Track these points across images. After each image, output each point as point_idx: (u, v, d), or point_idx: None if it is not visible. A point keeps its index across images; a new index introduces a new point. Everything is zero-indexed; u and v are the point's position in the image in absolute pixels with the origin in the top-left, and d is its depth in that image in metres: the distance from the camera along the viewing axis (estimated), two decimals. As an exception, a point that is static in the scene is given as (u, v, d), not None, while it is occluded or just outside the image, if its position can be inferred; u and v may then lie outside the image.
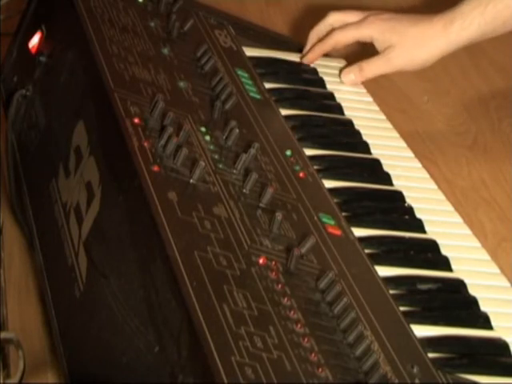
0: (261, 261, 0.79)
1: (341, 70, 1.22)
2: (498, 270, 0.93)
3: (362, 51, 1.25)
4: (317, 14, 1.43)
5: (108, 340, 0.80)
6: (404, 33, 1.15)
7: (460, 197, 1.07)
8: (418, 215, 0.97)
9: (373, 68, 1.18)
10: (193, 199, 0.83)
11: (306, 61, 1.22)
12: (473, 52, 1.35)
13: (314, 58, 1.22)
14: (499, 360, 0.81)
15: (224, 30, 1.20)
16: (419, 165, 1.07)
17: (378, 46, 1.17)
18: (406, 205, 0.98)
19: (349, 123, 1.12)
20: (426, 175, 1.06)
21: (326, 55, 1.29)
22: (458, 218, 1.00)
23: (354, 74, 1.19)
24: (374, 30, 1.17)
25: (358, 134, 1.10)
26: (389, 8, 1.26)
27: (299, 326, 0.73)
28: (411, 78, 1.13)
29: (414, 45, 1.15)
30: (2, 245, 1.03)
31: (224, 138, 0.94)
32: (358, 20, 1.20)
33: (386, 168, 1.04)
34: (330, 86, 1.19)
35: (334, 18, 1.22)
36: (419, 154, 1.09)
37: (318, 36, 1.23)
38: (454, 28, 1.12)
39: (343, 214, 0.93)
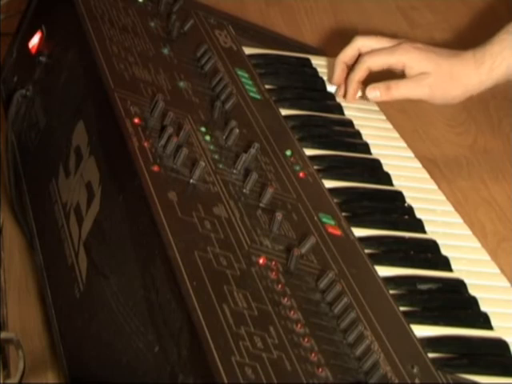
0: (261, 261, 0.79)
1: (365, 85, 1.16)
2: (497, 270, 0.93)
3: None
4: (316, 14, 1.43)
5: (108, 340, 0.80)
6: (441, 64, 1.10)
7: (460, 197, 1.07)
8: (418, 215, 0.97)
9: (401, 89, 1.12)
10: (193, 199, 0.83)
11: (347, 101, 1.15)
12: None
13: (354, 94, 1.16)
14: (499, 360, 0.81)
15: (224, 29, 1.20)
16: (419, 165, 1.07)
17: (410, 73, 1.12)
18: (406, 205, 0.98)
19: (349, 123, 1.12)
20: (426, 175, 1.06)
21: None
22: (458, 218, 1.00)
23: (380, 91, 1.13)
24: (409, 57, 1.11)
25: (357, 134, 1.10)
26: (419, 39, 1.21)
27: (299, 326, 0.73)
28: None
29: (448, 78, 1.10)
30: (2, 245, 1.03)
31: (224, 138, 0.94)
32: (390, 46, 1.14)
33: (386, 168, 1.04)
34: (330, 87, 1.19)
35: (361, 43, 1.16)
36: (419, 154, 1.09)
37: (345, 61, 1.17)
38: (485, 68, 1.09)
39: (343, 214, 0.93)
